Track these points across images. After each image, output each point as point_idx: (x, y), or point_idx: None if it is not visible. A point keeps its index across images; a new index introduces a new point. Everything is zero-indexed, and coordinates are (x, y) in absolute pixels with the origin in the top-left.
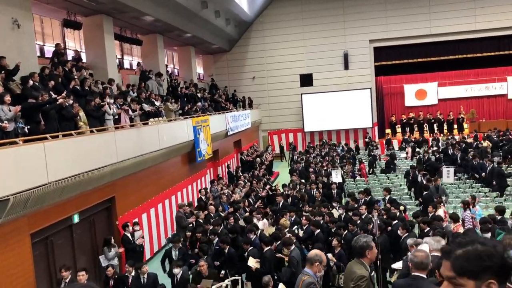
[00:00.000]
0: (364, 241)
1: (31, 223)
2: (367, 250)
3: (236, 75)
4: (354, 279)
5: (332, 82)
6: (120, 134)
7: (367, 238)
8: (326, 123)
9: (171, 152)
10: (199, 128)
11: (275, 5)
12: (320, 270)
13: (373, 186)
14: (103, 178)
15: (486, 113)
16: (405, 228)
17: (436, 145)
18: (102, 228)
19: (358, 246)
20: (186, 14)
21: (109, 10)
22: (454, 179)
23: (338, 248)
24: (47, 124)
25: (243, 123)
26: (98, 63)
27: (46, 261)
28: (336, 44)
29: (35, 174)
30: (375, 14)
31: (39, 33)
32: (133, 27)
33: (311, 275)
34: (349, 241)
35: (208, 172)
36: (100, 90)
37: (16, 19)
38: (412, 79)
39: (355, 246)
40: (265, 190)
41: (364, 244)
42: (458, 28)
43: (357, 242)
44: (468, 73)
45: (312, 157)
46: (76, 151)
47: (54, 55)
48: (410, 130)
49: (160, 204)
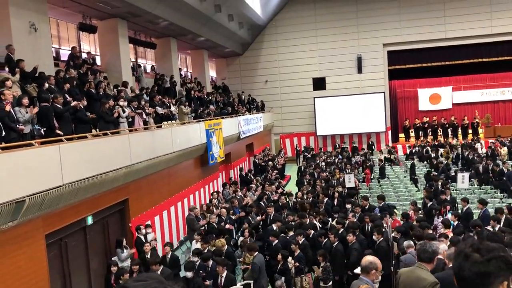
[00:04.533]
0: (436, 247)
1: (46, 224)
2: (436, 257)
3: (248, 78)
4: (428, 286)
5: (345, 86)
6: (134, 136)
7: (435, 245)
8: (339, 127)
9: (184, 155)
10: (211, 131)
11: (289, 9)
12: (378, 277)
13: (386, 191)
14: (116, 181)
15: (502, 118)
16: (380, 232)
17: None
18: (115, 230)
19: (431, 251)
20: (199, 18)
21: (124, 14)
22: (469, 184)
23: (297, 251)
24: (61, 127)
25: (256, 127)
26: (113, 66)
27: (60, 262)
28: (349, 48)
29: (50, 176)
30: (388, 18)
31: (55, 37)
32: (147, 31)
33: (369, 283)
34: (328, 249)
35: (220, 175)
36: (115, 93)
37: (33, 23)
38: (426, 83)
39: (425, 250)
40: (277, 193)
41: (436, 250)
42: (474, 32)
43: (430, 247)
44: (484, 78)
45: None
46: (90, 153)
47: (70, 58)
48: (424, 135)
49: (173, 207)
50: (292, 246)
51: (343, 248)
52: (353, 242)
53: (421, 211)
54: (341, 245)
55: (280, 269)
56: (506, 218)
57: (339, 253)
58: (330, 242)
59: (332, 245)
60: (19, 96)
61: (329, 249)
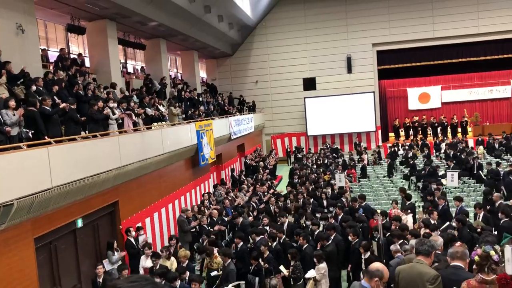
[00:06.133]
0: (435, 242)
1: (35, 227)
2: (433, 252)
3: (239, 79)
4: (430, 279)
5: (335, 86)
6: (123, 138)
7: (434, 241)
8: (329, 127)
9: (174, 157)
10: (202, 132)
11: (278, 9)
12: (379, 286)
13: (377, 191)
14: (106, 183)
15: (490, 117)
16: (355, 234)
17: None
18: (105, 232)
19: (429, 245)
20: (189, 19)
21: (113, 15)
22: (459, 183)
23: (266, 252)
24: (50, 129)
25: (246, 127)
26: (102, 67)
27: (49, 266)
28: (339, 48)
29: (39, 178)
30: (378, 18)
31: (43, 38)
32: (136, 32)
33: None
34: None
35: (212, 176)
36: (104, 95)
37: (20, 24)
38: (416, 83)
39: (423, 243)
40: (269, 194)
41: (434, 245)
42: (461, 32)
43: (429, 241)
44: (472, 77)
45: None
46: (79, 155)
47: (58, 60)
48: (414, 134)
49: (164, 209)
50: (261, 247)
51: (312, 251)
52: (327, 244)
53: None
54: (311, 248)
55: (254, 269)
56: (484, 215)
57: (308, 256)
58: (298, 246)
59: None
60: (6, 99)
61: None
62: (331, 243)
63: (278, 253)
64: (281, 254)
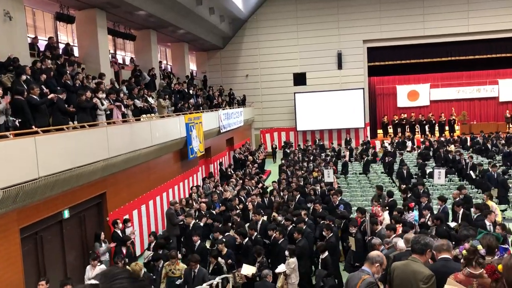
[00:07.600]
0: (430, 240)
1: (21, 218)
2: (428, 250)
3: (229, 72)
4: (424, 279)
5: (325, 81)
6: (112, 129)
7: (430, 238)
8: (319, 123)
9: (163, 149)
10: (191, 125)
11: (270, 3)
12: (379, 272)
13: (364, 187)
14: (94, 174)
15: (477, 116)
16: (329, 228)
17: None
18: (92, 224)
19: (423, 243)
20: (180, 10)
21: (103, 4)
22: (445, 181)
23: (224, 250)
24: (37, 119)
25: (236, 121)
26: (91, 57)
27: (35, 257)
28: (330, 44)
29: (26, 168)
30: (369, 14)
31: (31, 26)
32: (126, 22)
33: (370, 274)
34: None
35: (200, 170)
36: (93, 85)
37: (7, 11)
38: (405, 80)
39: (418, 241)
40: (258, 188)
41: (429, 243)
42: (451, 30)
43: (423, 239)
44: (460, 75)
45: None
46: (67, 146)
47: (46, 49)
48: (402, 131)
49: (152, 201)
50: (219, 246)
51: (287, 246)
52: (299, 239)
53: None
54: (286, 243)
55: (213, 268)
56: (463, 212)
57: (283, 250)
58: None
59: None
60: None
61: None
62: (303, 238)
63: (247, 250)
64: (250, 250)
